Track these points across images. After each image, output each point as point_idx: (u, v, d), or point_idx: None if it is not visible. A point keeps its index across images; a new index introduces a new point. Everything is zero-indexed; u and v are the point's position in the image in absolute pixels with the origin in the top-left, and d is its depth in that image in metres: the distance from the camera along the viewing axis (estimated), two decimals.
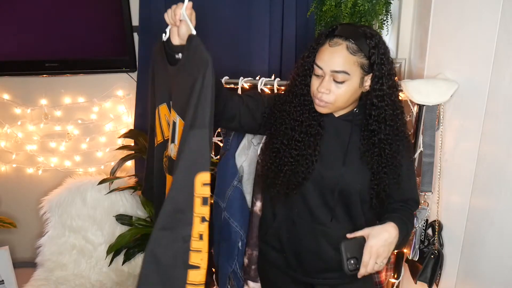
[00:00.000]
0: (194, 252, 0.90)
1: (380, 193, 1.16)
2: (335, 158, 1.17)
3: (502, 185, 1.21)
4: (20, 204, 2.50)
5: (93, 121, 2.35)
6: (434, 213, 1.50)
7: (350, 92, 1.10)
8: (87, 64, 2.17)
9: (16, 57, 2.16)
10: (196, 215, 0.88)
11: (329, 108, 1.14)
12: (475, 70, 1.31)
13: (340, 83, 1.08)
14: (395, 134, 1.15)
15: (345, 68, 1.07)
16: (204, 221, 0.89)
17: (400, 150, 1.16)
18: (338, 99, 1.11)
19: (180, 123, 1.02)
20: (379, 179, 1.15)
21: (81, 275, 2.12)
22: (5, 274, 2.21)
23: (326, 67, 1.08)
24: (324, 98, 1.10)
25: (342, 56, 1.07)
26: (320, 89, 1.10)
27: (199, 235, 0.89)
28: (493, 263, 1.27)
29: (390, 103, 1.13)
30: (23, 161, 2.43)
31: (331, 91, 1.09)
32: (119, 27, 2.09)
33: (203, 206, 0.88)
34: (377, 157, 1.14)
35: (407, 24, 1.75)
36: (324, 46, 1.10)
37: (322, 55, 1.09)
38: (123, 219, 2.12)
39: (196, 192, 0.88)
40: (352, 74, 1.08)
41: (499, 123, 1.22)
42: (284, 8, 1.90)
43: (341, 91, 1.09)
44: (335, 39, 1.08)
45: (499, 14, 1.19)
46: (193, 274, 0.90)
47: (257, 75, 1.62)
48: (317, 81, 1.12)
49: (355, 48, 1.07)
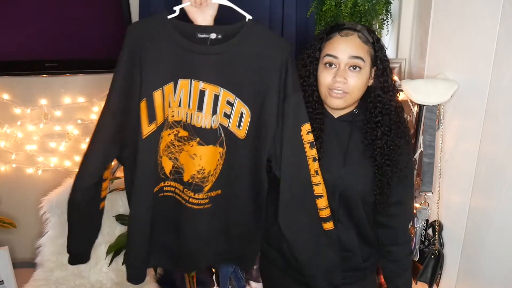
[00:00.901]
0: (315, 186, 1.11)
1: (384, 187, 1.15)
2: (335, 159, 1.17)
3: (502, 185, 1.21)
4: (20, 204, 2.50)
5: (93, 121, 2.34)
6: (434, 213, 1.50)
7: (364, 82, 1.12)
8: (87, 64, 2.17)
9: (16, 57, 2.16)
10: (309, 157, 1.10)
11: (345, 100, 1.13)
12: (475, 70, 1.31)
13: (356, 71, 1.10)
14: (397, 127, 1.15)
15: (361, 54, 1.09)
16: (315, 160, 1.10)
17: (401, 145, 1.15)
18: (354, 89, 1.11)
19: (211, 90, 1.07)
20: (383, 172, 1.14)
21: (81, 275, 2.12)
22: (5, 274, 2.21)
23: (343, 54, 1.09)
24: (341, 87, 1.10)
25: (356, 43, 1.09)
26: (338, 78, 1.10)
27: (315, 172, 1.11)
28: (493, 263, 1.27)
29: (393, 96, 1.15)
30: (23, 161, 2.43)
31: (348, 80, 1.10)
32: (119, 27, 2.09)
33: (311, 149, 1.10)
34: (379, 149, 1.14)
35: (407, 24, 1.75)
36: (334, 38, 1.11)
37: (335, 45, 1.11)
38: (123, 219, 2.12)
39: (304, 140, 1.09)
40: (366, 63, 1.10)
41: (499, 123, 1.22)
42: (284, 8, 1.90)
43: (357, 80, 1.10)
44: (345, 31, 1.10)
45: (499, 14, 1.19)
46: (320, 202, 1.12)
47: None
48: (329, 73, 1.12)
49: (365, 39, 1.10)
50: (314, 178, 1.11)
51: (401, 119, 1.17)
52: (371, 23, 1.70)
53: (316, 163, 1.11)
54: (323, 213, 1.13)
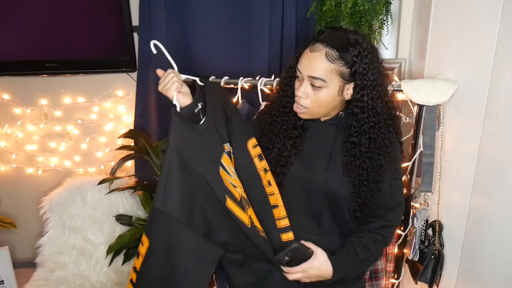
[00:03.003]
0: (270, 196, 1.15)
1: (363, 207, 1.13)
2: (319, 161, 1.15)
3: (502, 185, 1.21)
4: (20, 204, 2.50)
5: (93, 121, 2.35)
6: (434, 213, 1.50)
7: (327, 99, 1.08)
8: (87, 64, 2.17)
9: (16, 57, 2.17)
10: (259, 170, 1.16)
11: (307, 114, 1.12)
12: (475, 70, 1.31)
13: (317, 89, 1.07)
14: (376, 148, 1.10)
15: (321, 75, 1.05)
16: (266, 171, 1.16)
17: (382, 165, 1.11)
18: (314, 105, 1.09)
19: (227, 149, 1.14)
20: (361, 193, 1.12)
21: (81, 275, 2.12)
22: (5, 274, 2.21)
23: (304, 72, 1.07)
24: (301, 102, 1.10)
25: (319, 62, 1.04)
26: (297, 93, 1.10)
27: (267, 182, 1.16)
28: (493, 263, 1.26)
29: (372, 115, 1.08)
30: (23, 161, 2.43)
31: (308, 96, 1.09)
32: (119, 27, 2.09)
33: (261, 161, 1.17)
34: (358, 170, 1.11)
35: (407, 24, 1.75)
36: (305, 50, 1.08)
37: (302, 59, 1.09)
38: (123, 219, 2.12)
39: (251, 154, 1.17)
40: (330, 82, 1.06)
41: (499, 123, 1.21)
42: (284, 8, 1.90)
43: (317, 97, 1.08)
44: (317, 44, 1.05)
45: (499, 14, 1.19)
46: (276, 211, 1.15)
47: (257, 75, 1.62)
48: (297, 84, 1.12)
49: (334, 56, 1.03)
50: (267, 189, 1.14)
51: (385, 135, 1.11)
52: (371, 23, 1.69)
53: (268, 174, 1.14)
54: (281, 223, 1.14)
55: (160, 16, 1.98)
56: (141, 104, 2.15)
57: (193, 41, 2.03)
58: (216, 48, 2.02)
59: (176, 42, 2.01)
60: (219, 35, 2.01)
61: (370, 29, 1.70)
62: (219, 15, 1.99)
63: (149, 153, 1.99)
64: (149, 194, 2.09)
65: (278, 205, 1.14)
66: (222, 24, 2.00)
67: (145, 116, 2.17)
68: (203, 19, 1.99)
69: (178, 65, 1.12)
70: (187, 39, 2.03)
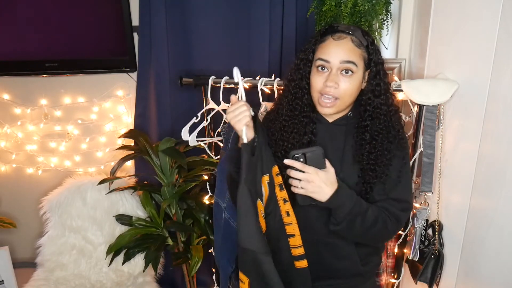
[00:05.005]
0: (287, 225, 1.15)
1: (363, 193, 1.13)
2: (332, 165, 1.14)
3: (502, 185, 1.21)
4: (20, 204, 2.50)
5: (93, 121, 2.35)
6: (434, 213, 1.50)
7: (356, 86, 1.11)
8: (87, 64, 2.17)
9: (16, 57, 2.16)
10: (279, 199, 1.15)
11: (336, 106, 1.12)
12: (475, 70, 1.31)
13: (348, 76, 1.09)
14: (388, 131, 1.13)
15: (353, 58, 1.08)
16: (286, 201, 1.15)
17: (391, 149, 1.13)
18: (346, 93, 1.10)
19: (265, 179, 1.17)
20: (366, 177, 1.12)
21: (81, 275, 2.12)
22: (5, 274, 2.21)
23: (335, 58, 1.08)
24: (332, 92, 1.09)
25: (349, 47, 1.08)
26: (329, 83, 1.08)
27: (286, 212, 1.15)
28: (493, 263, 1.27)
29: (385, 100, 1.13)
30: (23, 161, 2.43)
31: (339, 85, 1.09)
32: (119, 27, 2.09)
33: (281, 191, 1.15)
34: (367, 154, 1.12)
35: (407, 24, 1.75)
36: (326, 42, 1.10)
37: (327, 49, 1.09)
38: (123, 219, 2.12)
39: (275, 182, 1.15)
40: (359, 66, 1.09)
41: (499, 123, 1.22)
42: (284, 8, 1.90)
43: (349, 85, 1.09)
44: (338, 34, 1.09)
45: (499, 14, 1.19)
46: (292, 240, 1.15)
47: (257, 75, 1.63)
48: (321, 77, 1.11)
49: (358, 42, 1.09)
50: (285, 219, 1.15)
51: (394, 123, 1.14)
52: (371, 23, 1.69)
53: (288, 204, 1.14)
54: (296, 251, 1.15)
55: (160, 16, 1.98)
56: (141, 104, 2.15)
57: (193, 41, 2.03)
58: (216, 48, 2.02)
59: (176, 42, 2.01)
60: (219, 35, 2.01)
61: (370, 29, 1.70)
62: (219, 15, 1.99)
63: (149, 153, 1.99)
64: (149, 194, 2.09)
65: (295, 235, 1.15)
66: (222, 24, 2.00)
67: (145, 116, 2.17)
68: (203, 19, 1.99)
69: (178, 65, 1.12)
70: (187, 39, 2.03)
